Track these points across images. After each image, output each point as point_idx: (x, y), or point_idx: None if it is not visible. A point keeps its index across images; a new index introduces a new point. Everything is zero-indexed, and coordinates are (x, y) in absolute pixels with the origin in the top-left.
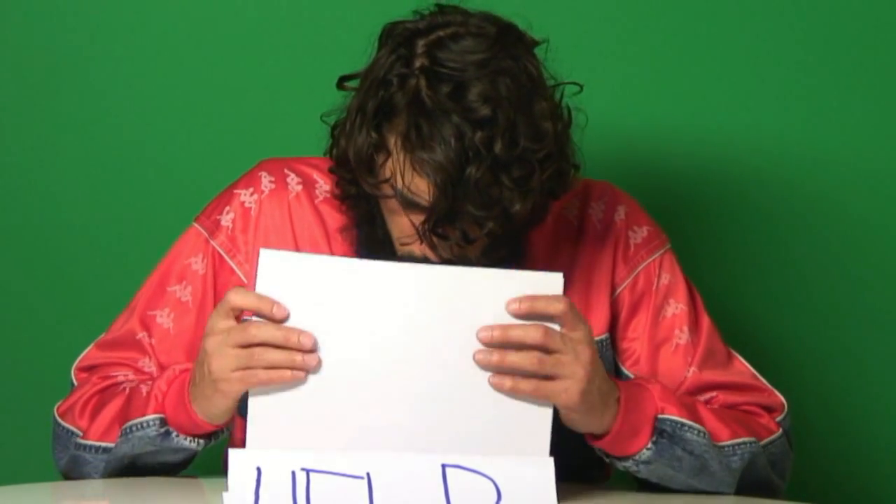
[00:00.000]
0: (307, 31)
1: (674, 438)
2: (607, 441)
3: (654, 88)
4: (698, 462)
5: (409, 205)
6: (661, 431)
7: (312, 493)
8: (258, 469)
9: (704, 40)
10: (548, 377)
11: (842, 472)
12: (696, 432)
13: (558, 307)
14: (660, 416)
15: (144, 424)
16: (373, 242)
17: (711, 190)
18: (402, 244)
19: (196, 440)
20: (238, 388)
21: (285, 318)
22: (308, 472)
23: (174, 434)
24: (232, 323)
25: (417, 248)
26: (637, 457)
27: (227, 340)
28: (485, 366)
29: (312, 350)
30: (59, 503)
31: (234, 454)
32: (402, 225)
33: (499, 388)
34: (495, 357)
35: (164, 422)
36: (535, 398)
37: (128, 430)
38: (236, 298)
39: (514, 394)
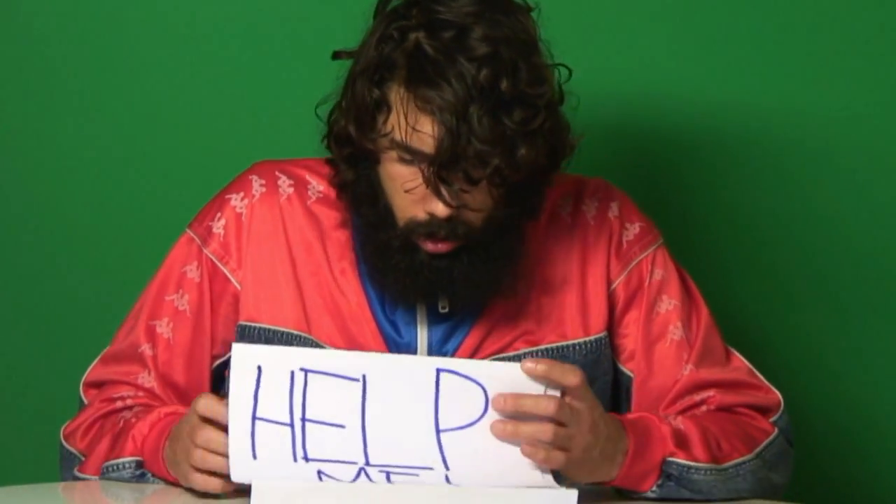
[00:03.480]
0: (300, 31)
1: (681, 481)
2: (611, 484)
3: (648, 77)
4: (705, 496)
5: (412, 153)
6: (668, 475)
7: (309, 393)
8: (259, 368)
9: (701, 29)
10: (559, 447)
11: (841, 472)
12: (703, 472)
13: (574, 381)
14: (668, 458)
15: (121, 466)
16: (374, 220)
17: (706, 183)
18: (406, 190)
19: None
20: (186, 481)
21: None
22: (307, 372)
23: (150, 476)
24: (201, 422)
25: (420, 209)
26: (643, 494)
27: (192, 435)
28: (499, 435)
29: None
30: None
31: (237, 349)
32: (404, 175)
33: (527, 455)
34: (509, 428)
35: (140, 464)
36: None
37: (105, 470)
38: (206, 412)
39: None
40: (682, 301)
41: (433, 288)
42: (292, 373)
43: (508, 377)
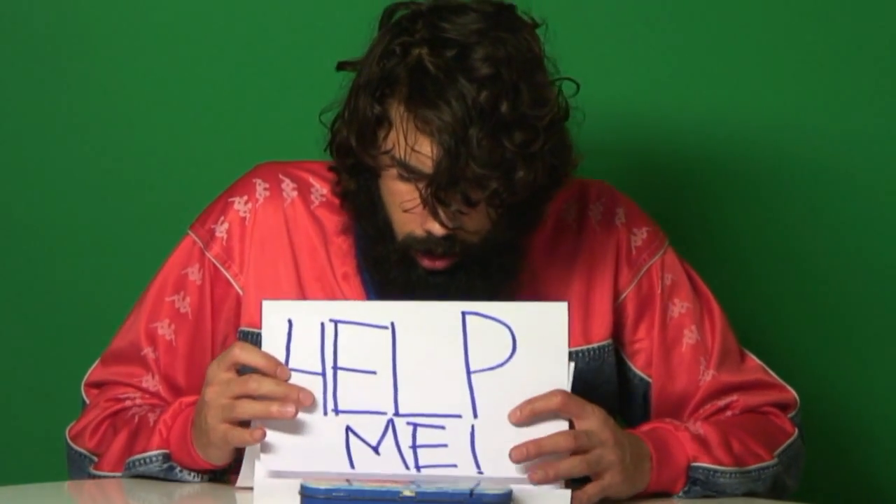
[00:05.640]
0: (304, 31)
1: (707, 485)
2: (644, 494)
3: (652, 85)
4: (725, 496)
5: (411, 171)
6: (695, 480)
7: (340, 342)
8: (289, 321)
9: (704, 34)
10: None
11: (844, 472)
12: (728, 475)
13: (556, 401)
14: (693, 464)
15: (148, 460)
16: (373, 233)
17: (711, 186)
18: (404, 210)
19: (199, 475)
20: (222, 440)
21: (288, 378)
22: (336, 322)
23: (178, 469)
24: (232, 375)
25: (418, 224)
26: (672, 497)
27: (225, 391)
28: (520, 459)
29: (310, 404)
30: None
31: (267, 304)
32: (403, 193)
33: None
34: (532, 448)
35: (167, 457)
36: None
37: (131, 465)
38: (241, 354)
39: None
40: (693, 303)
41: None
42: (322, 324)
43: (531, 316)
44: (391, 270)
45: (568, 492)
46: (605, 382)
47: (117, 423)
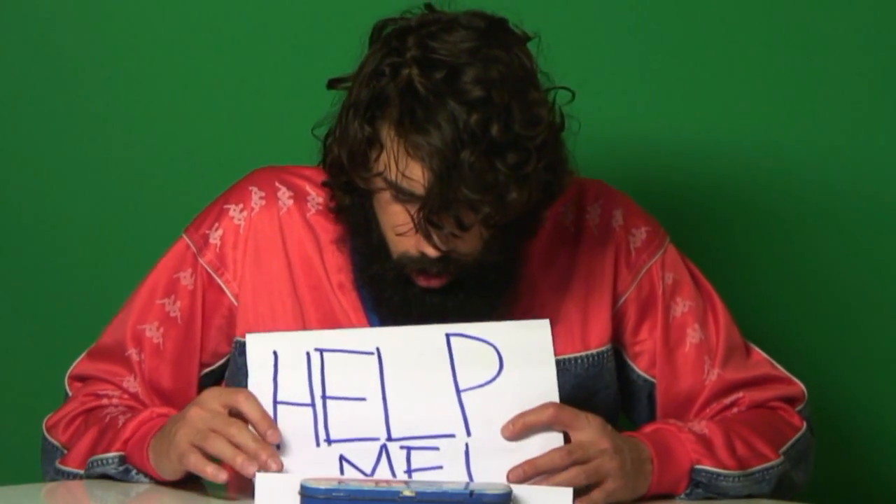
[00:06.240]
0: (302, 35)
1: (709, 488)
2: (646, 495)
3: (648, 92)
4: (728, 498)
5: (404, 194)
6: (697, 483)
7: (327, 371)
8: (275, 353)
9: (700, 43)
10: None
11: (848, 468)
12: (731, 479)
13: (548, 414)
14: (696, 466)
15: (106, 461)
16: (367, 252)
17: (708, 192)
18: (398, 234)
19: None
20: (179, 458)
21: (273, 442)
22: (321, 351)
23: (134, 472)
24: (224, 410)
25: (412, 245)
26: (675, 499)
27: (208, 421)
28: (518, 480)
29: (276, 471)
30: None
31: (251, 338)
32: (396, 216)
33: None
34: (528, 469)
35: (123, 459)
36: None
37: (90, 465)
38: (243, 403)
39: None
40: (695, 301)
41: (427, 321)
42: (308, 354)
43: (515, 333)
44: (386, 290)
45: (570, 490)
46: (605, 387)
47: (90, 420)
